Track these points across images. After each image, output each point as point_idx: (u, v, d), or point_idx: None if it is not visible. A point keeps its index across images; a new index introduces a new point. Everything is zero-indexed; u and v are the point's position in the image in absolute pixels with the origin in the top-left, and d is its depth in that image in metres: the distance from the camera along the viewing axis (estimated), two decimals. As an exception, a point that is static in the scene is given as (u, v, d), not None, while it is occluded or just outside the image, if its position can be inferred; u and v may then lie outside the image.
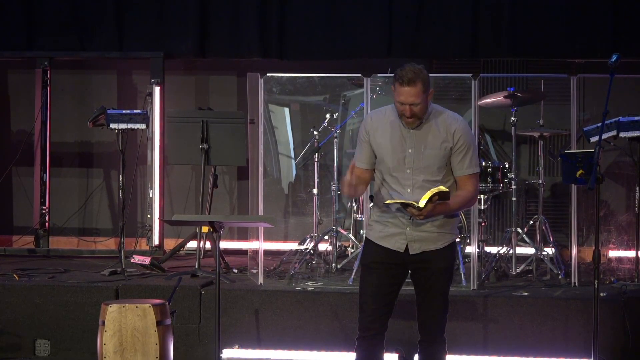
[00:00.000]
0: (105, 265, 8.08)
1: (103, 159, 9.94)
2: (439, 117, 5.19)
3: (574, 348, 6.78)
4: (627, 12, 8.77)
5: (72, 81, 10.00)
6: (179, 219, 6.48)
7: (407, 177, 5.15)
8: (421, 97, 5.06)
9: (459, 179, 5.20)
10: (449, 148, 5.15)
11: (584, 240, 8.80)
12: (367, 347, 5.31)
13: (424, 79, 5.06)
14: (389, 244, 5.22)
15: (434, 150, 5.14)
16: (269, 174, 9.18)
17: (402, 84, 5.05)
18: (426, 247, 5.19)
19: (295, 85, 9.17)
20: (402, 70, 5.06)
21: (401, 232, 5.19)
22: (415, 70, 5.05)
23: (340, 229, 8.32)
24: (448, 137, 5.15)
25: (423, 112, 5.12)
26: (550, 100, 8.54)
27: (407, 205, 5.02)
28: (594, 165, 5.41)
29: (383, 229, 5.25)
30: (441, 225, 5.19)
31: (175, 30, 9.32)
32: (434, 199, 4.98)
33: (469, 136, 5.20)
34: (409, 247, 5.19)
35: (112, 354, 6.21)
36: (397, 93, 5.09)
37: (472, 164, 5.20)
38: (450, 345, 6.60)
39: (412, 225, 5.16)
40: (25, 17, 9.42)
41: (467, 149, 5.17)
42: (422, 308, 5.28)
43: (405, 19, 9.02)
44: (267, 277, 7.67)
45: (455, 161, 5.18)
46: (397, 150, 5.16)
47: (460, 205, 5.21)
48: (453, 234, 5.27)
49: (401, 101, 5.08)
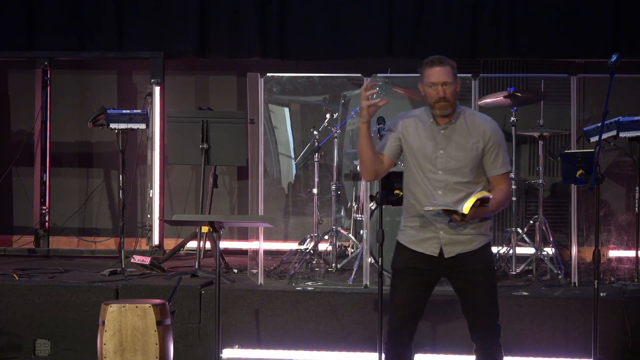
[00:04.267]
0: (105, 265, 8.08)
1: (103, 159, 9.94)
2: (468, 118, 5.18)
3: (574, 348, 6.77)
4: (627, 12, 8.77)
5: (72, 81, 10.00)
6: (179, 219, 6.49)
7: (438, 178, 5.10)
8: (452, 78, 5.07)
9: (493, 179, 5.16)
10: (481, 148, 5.12)
11: (584, 240, 8.80)
12: (397, 352, 5.25)
13: (452, 64, 5.11)
14: (423, 249, 5.16)
15: (466, 152, 5.11)
16: (269, 174, 9.18)
17: (432, 65, 5.07)
18: (461, 250, 5.13)
19: (295, 85, 9.17)
20: (428, 57, 5.11)
21: (434, 236, 5.13)
22: (441, 56, 5.11)
23: (340, 229, 8.32)
24: (479, 138, 5.13)
25: (454, 96, 5.10)
26: (550, 100, 8.54)
27: (450, 212, 4.98)
28: (594, 165, 5.41)
29: (416, 234, 5.18)
30: (475, 227, 5.14)
31: (175, 30, 9.33)
32: (477, 204, 4.96)
33: (499, 135, 5.19)
34: (443, 251, 5.13)
35: (112, 354, 6.21)
36: (428, 76, 5.08)
37: (504, 162, 5.17)
38: (450, 345, 6.61)
39: (445, 229, 5.11)
40: (25, 17, 9.42)
41: (498, 148, 5.14)
42: (470, 314, 5.20)
43: (405, 19, 9.03)
44: (267, 277, 7.67)
45: (488, 161, 5.15)
46: (428, 151, 5.12)
47: (498, 206, 5.16)
48: (487, 235, 5.21)
49: (433, 82, 5.06)
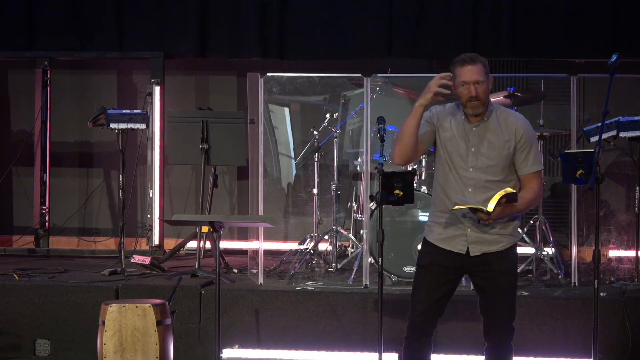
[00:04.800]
0: (105, 265, 8.08)
1: (103, 159, 9.94)
2: (500, 115, 5.17)
3: (574, 348, 6.78)
4: (627, 12, 8.77)
5: (72, 81, 10.00)
6: (179, 219, 6.49)
7: (469, 176, 5.10)
8: (484, 77, 5.06)
9: (524, 177, 5.15)
10: (513, 147, 5.12)
11: (584, 240, 8.80)
12: (416, 347, 5.25)
13: (483, 62, 5.10)
14: (450, 246, 5.16)
15: (497, 150, 5.11)
16: (269, 174, 9.18)
17: (464, 64, 5.06)
18: (487, 249, 5.13)
19: (295, 85, 9.17)
20: (460, 56, 5.10)
21: (462, 234, 5.14)
22: (473, 54, 5.11)
23: (340, 229, 8.31)
24: (511, 136, 5.12)
25: (486, 95, 5.09)
26: (550, 100, 8.54)
27: (476, 210, 4.98)
28: (594, 165, 5.40)
29: (443, 231, 5.19)
30: (502, 227, 5.14)
31: (175, 30, 9.32)
32: (502, 202, 4.95)
33: (531, 133, 5.19)
34: (470, 249, 5.13)
35: (112, 354, 6.21)
36: (460, 74, 5.07)
37: (536, 161, 5.17)
38: (450, 345, 6.61)
39: (473, 227, 5.11)
40: (25, 17, 9.42)
41: (530, 146, 5.15)
42: (487, 313, 5.21)
43: (405, 19, 9.02)
44: (267, 277, 7.67)
45: (520, 159, 5.14)
46: (460, 148, 5.12)
47: (527, 205, 5.16)
48: (514, 236, 5.21)
49: (465, 80, 5.05)
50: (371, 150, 7.57)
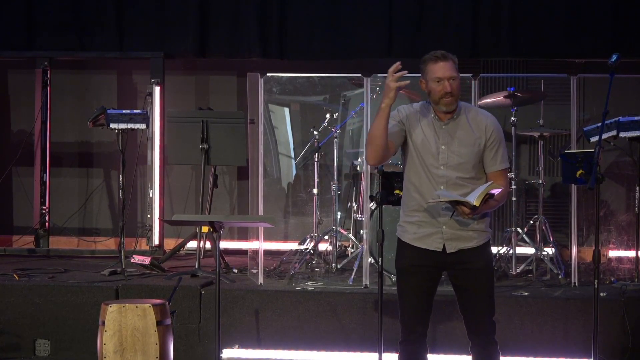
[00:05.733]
0: (105, 265, 8.08)
1: (103, 159, 9.94)
2: (469, 113, 5.17)
3: (574, 348, 6.78)
4: (627, 12, 8.77)
5: (72, 81, 10.00)
6: (179, 219, 6.48)
7: (440, 173, 5.10)
8: (456, 73, 5.07)
9: (492, 175, 5.16)
10: (483, 144, 5.13)
11: (584, 240, 8.80)
12: (412, 349, 5.24)
13: (454, 59, 5.11)
14: (426, 245, 5.15)
15: (468, 147, 5.11)
16: (269, 174, 9.18)
17: (437, 60, 5.07)
18: (463, 246, 5.13)
19: (295, 85, 9.17)
20: (430, 53, 5.11)
21: (437, 231, 5.13)
22: (443, 51, 5.12)
23: (340, 229, 8.32)
24: (481, 133, 5.13)
25: (459, 91, 5.10)
26: (550, 100, 8.54)
27: (457, 203, 4.98)
28: (594, 165, 5.41)
29: (417, 230, 5.18)
30: (477, 223, 5.15)
31: (175, 30, 9.32)
32: (485, 198, 4.97)
33: (499, 131, 5.19)
34: (446, 246, 5.13)
35: (112, 354, 6.21)
36: (433, 71, 5.07)
37: (504, 159, 5.18)
38: (450, 345, 6.61)
39: (448, 224, 5.11)
40: (25, 17, 9.42)
41: (499, 144, 5.15)
42: (467, 311, 5.21)
43: (405, 19, 9.02)
44: (267, 277, 7.67)
45: (488, 157, 5.15)
46: (430, 146, 5.12)
47: (498, 202, 5.16)
48: (487, 232, 5.22)
49: (439, 77, 5.06)
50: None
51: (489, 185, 5.02)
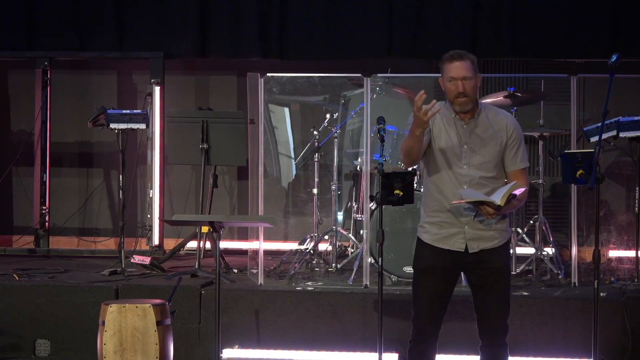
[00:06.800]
0: (105, 265, 8.08)
1: (103, 159, 9.94)
2: (490, 113, 5.20)
3: (574, 348, 6.77)
4: (627, 12, 8.77)
5: (72, 81, 10.00)
6: (179, 219, 6.49)
7: (464, 172, 5.12)
8: (472, 73, 5.08)
9: (512, 174, 5.19)
10: (504, 143, 5.15)
11: (584, 240, 8.80)
12: (422, 350, 5.27)
13: (472, 58, 5.13)
14: (448, 245, 5.17)
15: (489, 146, 5.14)
16: (269, 174, 9.18)
17: (452, 60, 5.09)
18: (484, 246, 5.15)
19: (295, 85, 9.17)
20: (448, 52, 5.13)
21: (459, 232, 5.16)
22: (462, 51, 5.14)
23: (340, 229, 8.31)
24: (502, 132, 5.16)
25: (474, 91, 5.11)
26: (550, 100, 8.54)
27: (481, 203, 4.99)
28: (594, 165, 5.41)
29: (439, 231, 5.20)
30: (498, 223, 5.17)
31: (175, 30, 9.32)
32: (509, 197, 4.98)
33: (519, 131, 5.22)
34: (468, 246, 5.15)
35: (112, 354, 6.21)
36: (447, 71, 5.10)
37: (524, 158, 5.22)
38: (450, 345, 6.61)
39: (470, 224, 5.13)
40: (25, 17, 9.42)
41: (519, 143, 5.19)
42: (483, 311, 5.22)
43: (405, 19, 9.02)
44: (267, 277, 7.67)
45: (509, 156, 5.18)
46: (453, 146, 5.14)
47: (519, 202, 5.18)
48: (508, 232, 5.25)
49: (452, 76, 5.08)
50: (371, 150, 7.57)
51: (513, 185, 5.05)
